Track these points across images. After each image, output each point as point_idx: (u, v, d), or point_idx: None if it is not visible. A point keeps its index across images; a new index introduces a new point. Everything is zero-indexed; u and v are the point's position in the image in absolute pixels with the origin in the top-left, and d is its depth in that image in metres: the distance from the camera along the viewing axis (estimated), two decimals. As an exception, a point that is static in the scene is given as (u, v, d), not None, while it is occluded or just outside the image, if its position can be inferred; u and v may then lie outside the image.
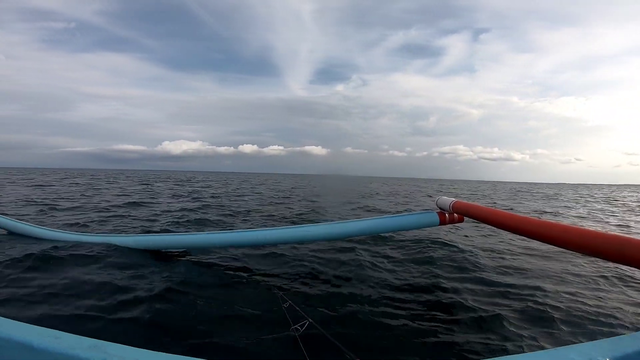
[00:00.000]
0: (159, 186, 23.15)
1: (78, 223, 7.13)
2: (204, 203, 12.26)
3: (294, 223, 8.04)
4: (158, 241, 4.68)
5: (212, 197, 15.62)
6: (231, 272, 4.01)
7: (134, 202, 11.59)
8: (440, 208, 3.93)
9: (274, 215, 9.51)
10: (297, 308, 2.40)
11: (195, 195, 15.88)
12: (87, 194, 14.67)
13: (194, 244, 4.51)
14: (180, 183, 29.40)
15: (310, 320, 2.12)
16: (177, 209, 10.20)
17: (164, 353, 1.05)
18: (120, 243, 4.62)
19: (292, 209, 11.32)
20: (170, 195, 15.62)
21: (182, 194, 16.89)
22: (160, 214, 8.96)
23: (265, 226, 7.23)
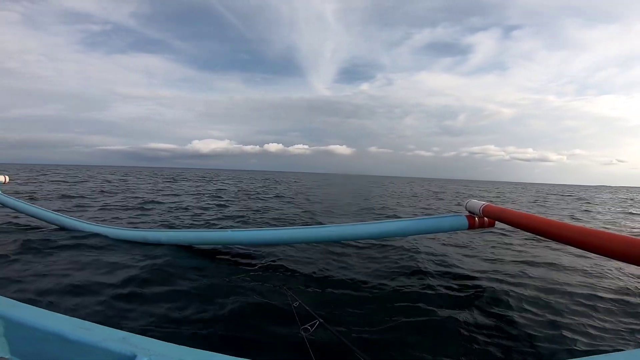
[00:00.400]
0: (225, 185, 24.23)
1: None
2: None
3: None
4: (190, 237, 4.89)
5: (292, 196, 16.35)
6: (241, 268, 4.10)
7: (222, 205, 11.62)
8: (469, 212, 3.87)
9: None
10: (307, 308, 2.33)
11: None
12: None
13: (225, 241, 4.65)
14: (237, 180, 30.21)
15: (320, 320, 2.04)
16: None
17: (188, 347, 1.09)
18: (153, 238, 4.89)
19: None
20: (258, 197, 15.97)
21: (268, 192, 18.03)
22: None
23: (289, 225, 7.35)
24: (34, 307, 1.31)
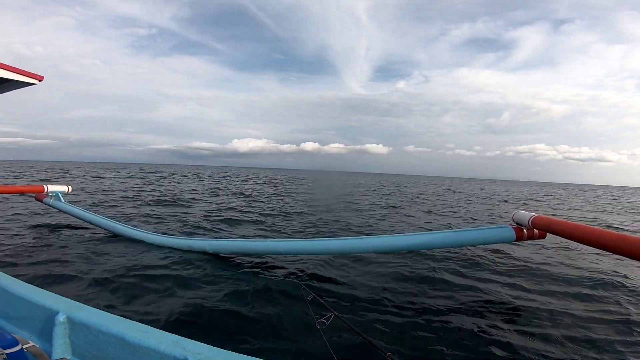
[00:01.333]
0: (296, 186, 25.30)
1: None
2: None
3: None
4: (231, 246, 5.06)
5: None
6: (255, 263, 4.26)
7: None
8: (516, 223, 3.62)
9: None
10: (322, 301, 2.34)
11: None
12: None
13: (264, 251, 4.72)
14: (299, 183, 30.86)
15: (335, 313, 2.05)
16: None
17: (235, 353, 1.12)
18: (198, 247, 5.12)
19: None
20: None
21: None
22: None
23: (328, 235, 7.35)
24: (97, 309, 1.41)
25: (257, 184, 26.73)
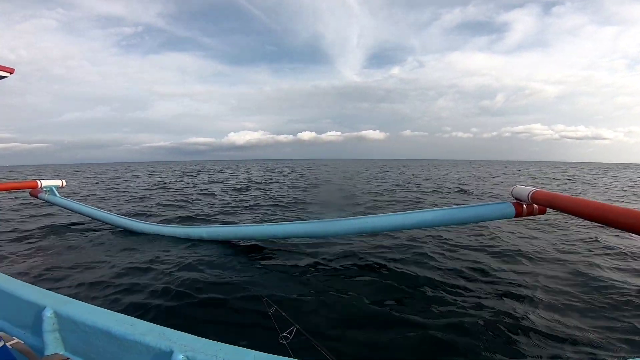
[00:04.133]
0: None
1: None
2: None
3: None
4: (228, 232, 5.04)
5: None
6: (217, 272, 3.92)
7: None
8: (516, 198, 3.56)
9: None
10: (284, 313, 2.31)
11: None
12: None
13: (263, 235, 4.71)
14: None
15: (297, 326, 2.02)
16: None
17: (222, 343, 1.11)
18: (195, 234, 5.12)
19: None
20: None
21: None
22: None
23: (325, 218, 7.33)
24: (85, 303, 1.37)
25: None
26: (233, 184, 17.07)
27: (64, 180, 7.15)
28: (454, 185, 16.16)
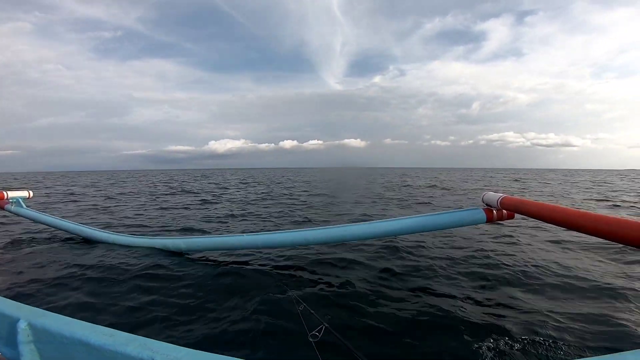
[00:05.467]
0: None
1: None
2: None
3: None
4: (207, 243, 4.96)
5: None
6: (244, 271, 4.13)
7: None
8: (486, 204, 3.71)
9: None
10: (312, 311, 2.32)
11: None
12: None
13: (240, 245, 4.64)
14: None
15: (326, 325, 2.01)
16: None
17: (205, 352, 1.09)
18: (172, 246, 4.98)
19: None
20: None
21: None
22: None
23: (306, 227, 7.33)
24: (61, 315, 1.35)
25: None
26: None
27: (30, 191, 6.83)
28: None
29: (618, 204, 11.85)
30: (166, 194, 16.96)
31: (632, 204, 11.68)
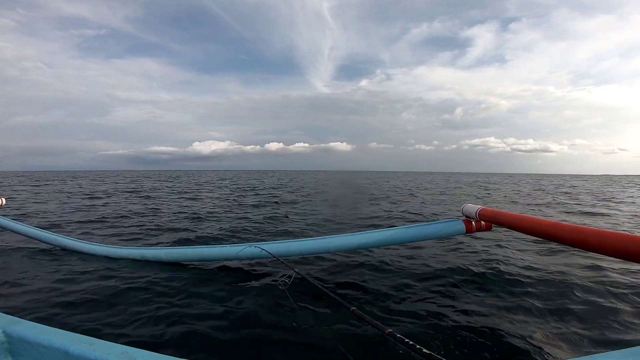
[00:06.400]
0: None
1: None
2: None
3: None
4: (188, 254, 4.84)
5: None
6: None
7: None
8: (466, 216, 3.81)
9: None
10: (282, 260, 2.50)
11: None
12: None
13: (224, 257, 4.56)
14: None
15: (295, 270, 2.10)
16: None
17: (186, 359, 1.08)
18: (152, 256, 4.86)
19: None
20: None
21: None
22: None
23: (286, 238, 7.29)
24: (38, 323, 1.32)
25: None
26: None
27: (3, 199, 6.56)
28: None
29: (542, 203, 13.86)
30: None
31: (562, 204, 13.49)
